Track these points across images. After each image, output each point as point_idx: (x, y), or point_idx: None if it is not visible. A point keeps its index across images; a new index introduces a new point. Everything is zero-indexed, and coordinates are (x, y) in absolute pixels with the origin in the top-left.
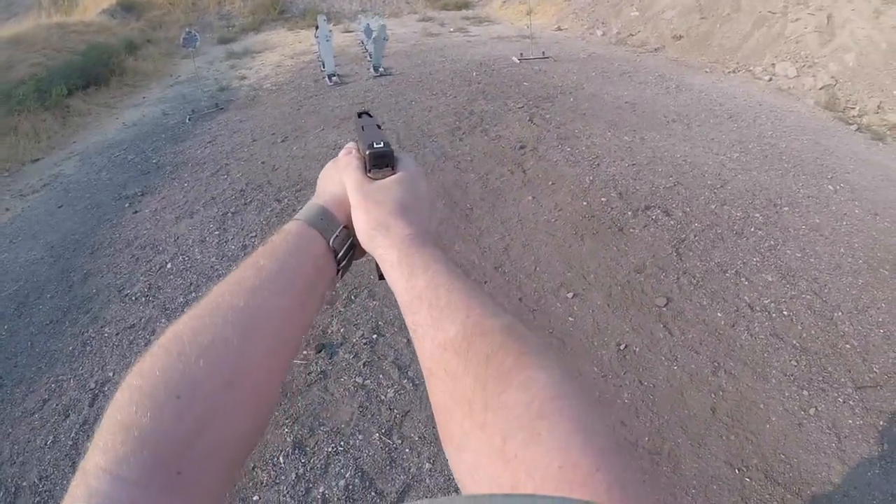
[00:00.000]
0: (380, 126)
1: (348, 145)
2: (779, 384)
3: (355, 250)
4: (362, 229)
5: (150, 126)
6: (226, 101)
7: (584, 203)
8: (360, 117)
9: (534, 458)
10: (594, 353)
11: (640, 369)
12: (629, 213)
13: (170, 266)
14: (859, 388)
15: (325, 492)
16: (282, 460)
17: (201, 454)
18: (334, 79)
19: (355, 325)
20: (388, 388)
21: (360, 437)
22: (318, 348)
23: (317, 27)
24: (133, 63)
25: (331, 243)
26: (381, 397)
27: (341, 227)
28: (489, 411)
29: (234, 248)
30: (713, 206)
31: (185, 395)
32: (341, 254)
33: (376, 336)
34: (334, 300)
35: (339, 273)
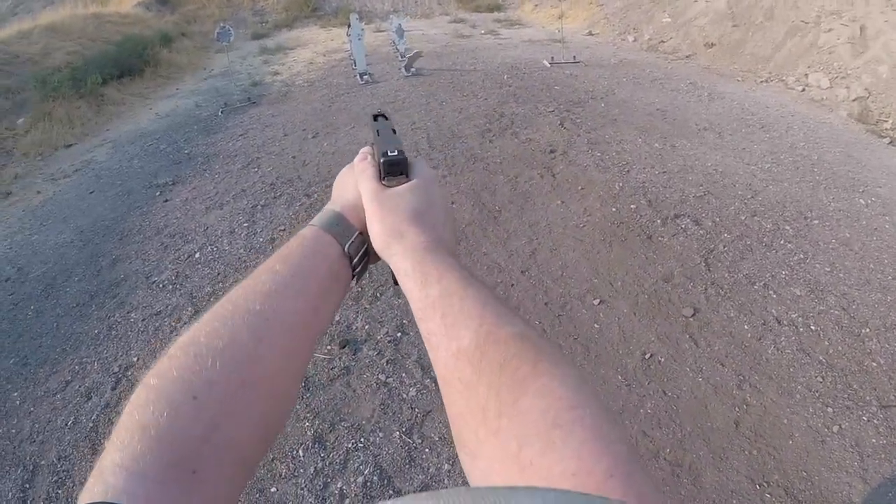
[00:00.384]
0: (395, 130)
1: (364, 150)
2: (803, 400)
3: (370, 256)
4: (377, 237)
5: (183, 117)
6: (258, 95)
7: (614, 209)
8: (375, 120)
9: (549, 465)
10: (619, 362)
11: (665, 379)
12: (658, 220)
13: (198, 255)
14: (884, 407)
15: (343, 487)
16: (301, 453)
17: (216, 453)
18: (365, 77)
19: (380, 323)
20: (411, 386)
21: (380, 434)
22: (342, 344)
23: (349, 25)
24: (167, 55)
25: (346, 249)
26: (403, 396)
27: (357, 234)
28: (504, 418)
29: (262, 240)
30: (743, 217)
31: (202, 395)
32: (356, 260)
33: (400, 334)
34: (360, 297)
35: (355, 278)
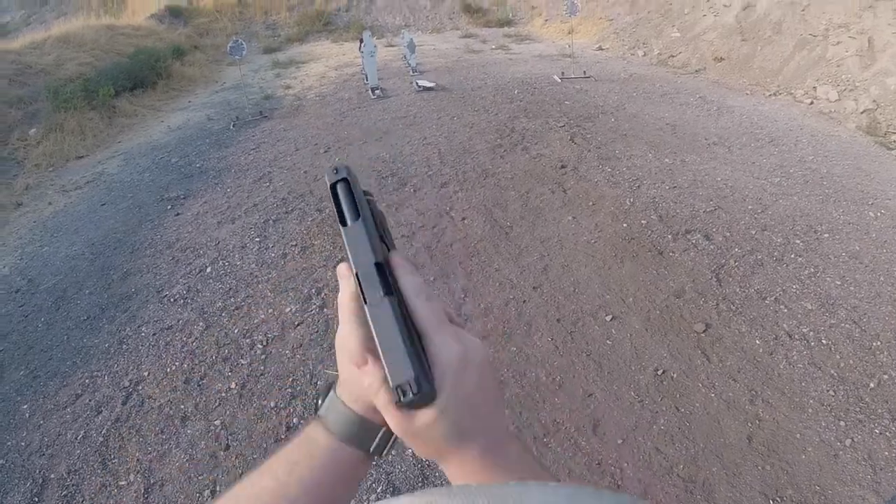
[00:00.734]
0: (370, 196)
1: (341, 270)
2: (815, 414)
3: (397, 439)
4: (422, 454)
5: (195, 130)
6: (270, 109)
7: (625, 225)
8: (334, 198)
9: None
10: (631, 378)
11: (677, 395)
12: (669, 236)
13: (209, 270)
14: None
15: None
16: None
17: None
18: (377, 92)
19: None
20: None
21: (392, 452)
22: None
23: (361, 41)
24: (179, 68)
25: (372, 451)
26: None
27: (382, 431)
28: None
29: (273, 255)
30: (753, 232)
31: None
32: (385, 451)
33: None
34: None
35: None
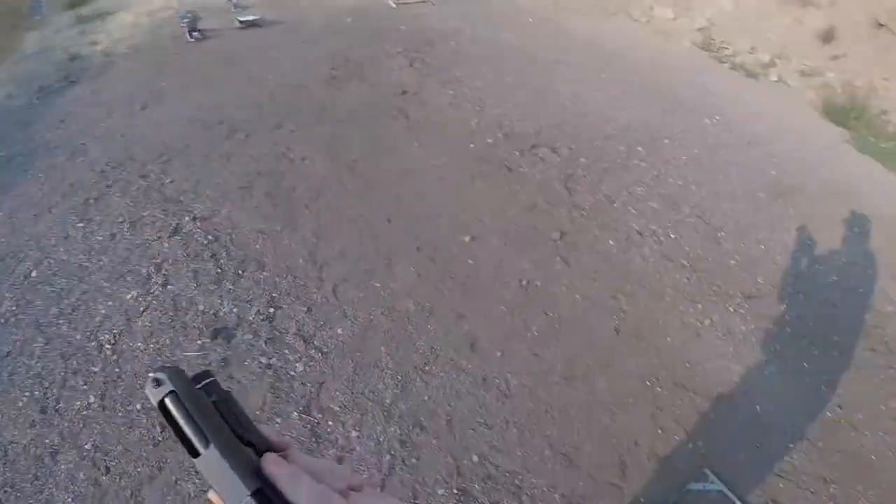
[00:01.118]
0: (228, 420)
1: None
2: (674, 301)
3: None
4: None
5: None
6: (78, 71)
7: (472, 146)
8: (165, 413)
9: None
10: (498, 292)
11: (544, 302)
12: (517, 152)
13: (35, 274)
14: (748, 298)
15: None
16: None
17: None
18: (195, 34)
19: (248, 302)
20: (297, 362)
21: (278, 420)
22: (213, 334)
23: None
24: None
25: None
26: (292, 373)
27: None
28: None
29: (101, 238)
30: (598, 142)
31: None
32: None
33: (273, 310)
34: (221, 278)
35: None
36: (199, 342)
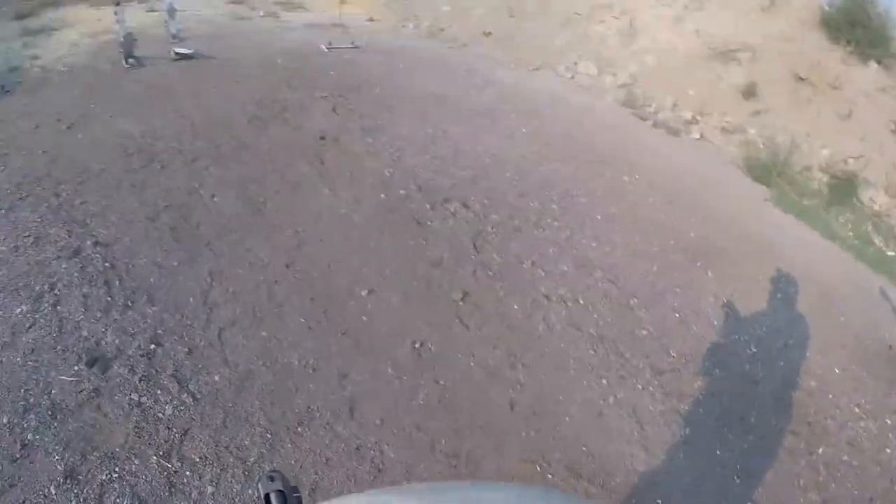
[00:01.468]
0: None
1: None
2: (577, 374)
3: None
4: None
5: None
6: (14, 83)
7: (383, 196)
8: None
9: None
10: (389, 353)
11: (437, 367)
12: (428, 205)
13: None
14: (658, 374)
15: None
16: (53, 491)
17: None
18: (131, 61)
19: (132, 335)
20: (167, 404)
21: (136, 461)
22: (90, 363)
23: (117, 3)
24: None
25: None
26: (159, 415)
27: None
28: None
29: (4, 250)
30: (511, 198)
31: None
32: None
33: (154, 346)
34: (110, 307)
35: None
36: (76, 368)
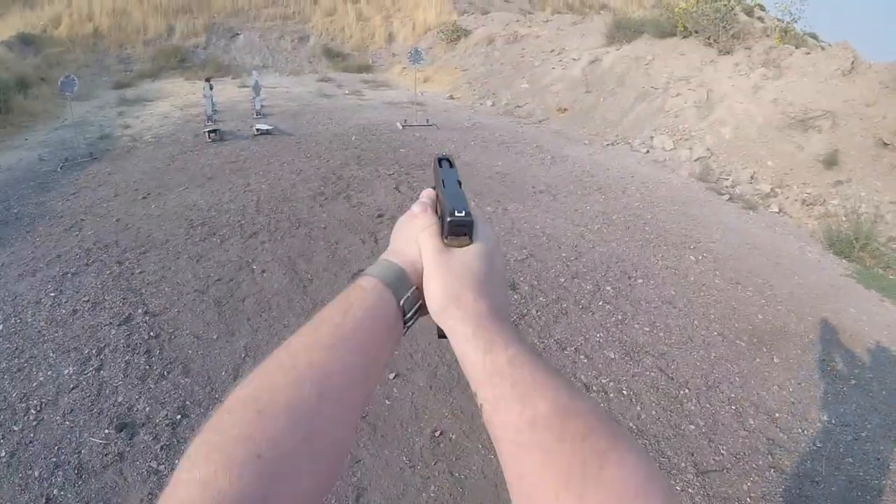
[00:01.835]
0: (460, 182)
1: (425, 193)
2: None
3: (421, 311)
4: (436, 299)
5: (23, 171)
6: (102, 150)
7: None
8: (440, 165)
9: None
10: (406, 441)
11: (454, 458)
12: None
13: (1, 328)
14: (701, 474)
15: None
16: None
17: None
18: (213, 135)
19: (161, 404)
20: None
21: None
22: (118, 427)
23: (208, 81)
24: (22, 102)
25: (401, 304)
26: None
27: (413, 289)
28: (589, 485)
29: (64, 312)
30: (563, 280)
31: (266, 454)
32: (410, 314)
33: (181, 417)
34: (147, 375)
35: (405, 331)
36: (107, 431)
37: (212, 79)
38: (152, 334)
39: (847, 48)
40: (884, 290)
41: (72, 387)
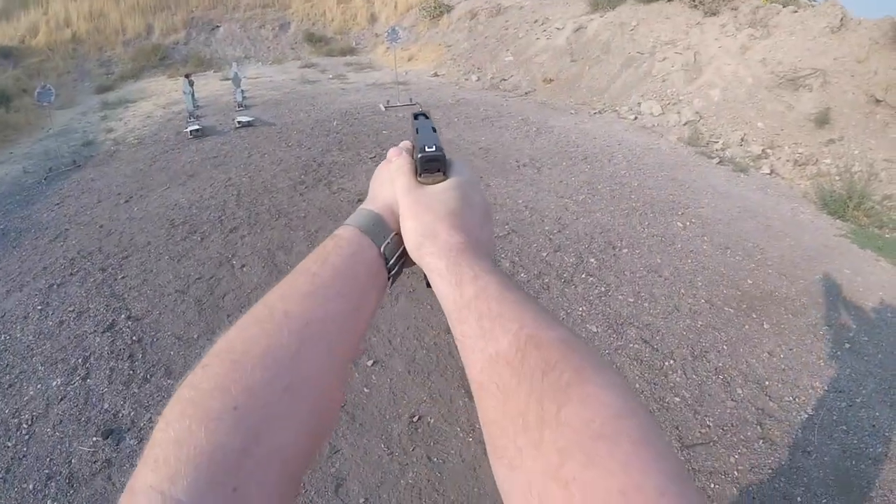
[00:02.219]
0: (435, 129)
1: (402, 144)
2: None
3: (406, 258)
4: (411, 236)
5: (9, 186)
6: (86, 157)
7: None
8: (415, 118)
9: (593, 481)
10: (384, 427)
11: (432, 443)
12: None
13: None
14: (686, 448)
15: None
16: None
17: (258, 466)
18: (195, 131)
19: (145, 408)
20: None
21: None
22: (105, 434)
23: (186, 77)
24: (4, 115)
25: (382, 250)
26: None
27: (393, 234)
28: (546, 428)
29: (51, 324)
30: (545, 254)
31: (242, 404)
32: (392, 261)
33: None
34: (131, 380)
35: (390, 280)
36: (94, 439)
37: (192, 75)
38: (135, 339)
39: (835, 5)
40: (880, 250)
41: (60, 398)
